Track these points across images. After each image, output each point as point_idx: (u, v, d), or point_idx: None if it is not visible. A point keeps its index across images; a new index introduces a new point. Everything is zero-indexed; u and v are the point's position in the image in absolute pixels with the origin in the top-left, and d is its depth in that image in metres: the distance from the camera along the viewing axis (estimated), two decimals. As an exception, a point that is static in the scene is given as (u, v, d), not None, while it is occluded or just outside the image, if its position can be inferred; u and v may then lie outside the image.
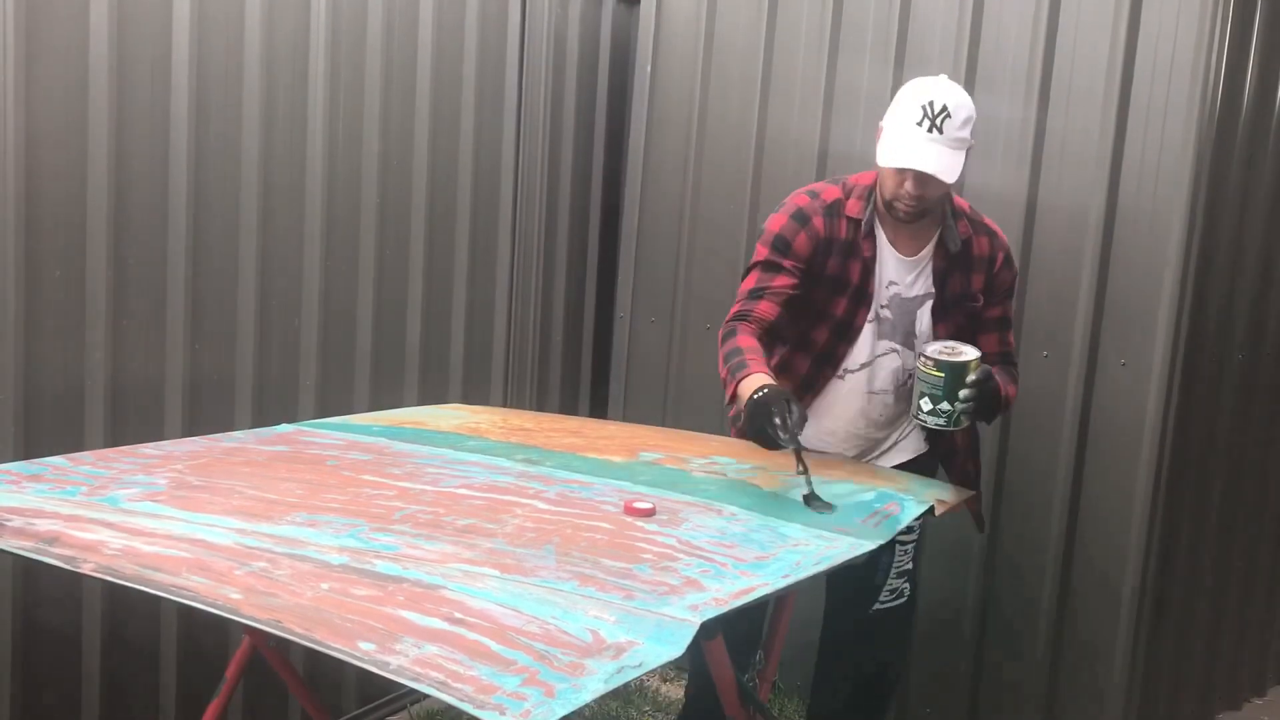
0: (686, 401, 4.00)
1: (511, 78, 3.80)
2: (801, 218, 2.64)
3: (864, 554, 1.95)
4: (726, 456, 2.71)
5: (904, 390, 2.72)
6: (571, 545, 1.82)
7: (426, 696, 1.69)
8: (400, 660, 1.32)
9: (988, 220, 2.75)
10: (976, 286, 2.68)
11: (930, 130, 2.44)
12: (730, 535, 1.96)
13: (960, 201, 2.73)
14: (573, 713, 1.24)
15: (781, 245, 2.64)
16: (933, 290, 2.68)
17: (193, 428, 2.81)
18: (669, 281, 4.03)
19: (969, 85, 3.41)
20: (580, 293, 4.32)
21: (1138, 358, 3.20)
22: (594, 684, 1.30)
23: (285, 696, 3.16)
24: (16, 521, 1.75)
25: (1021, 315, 3.38)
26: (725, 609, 1.59)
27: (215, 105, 2.83)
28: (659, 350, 4.07)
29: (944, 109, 2.44)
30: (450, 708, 1.25)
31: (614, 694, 3.56)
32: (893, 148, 2.49)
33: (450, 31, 3.54)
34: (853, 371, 2.72)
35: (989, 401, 2.55)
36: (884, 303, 2.68)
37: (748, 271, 2.71)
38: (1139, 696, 3.31)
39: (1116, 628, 3.26)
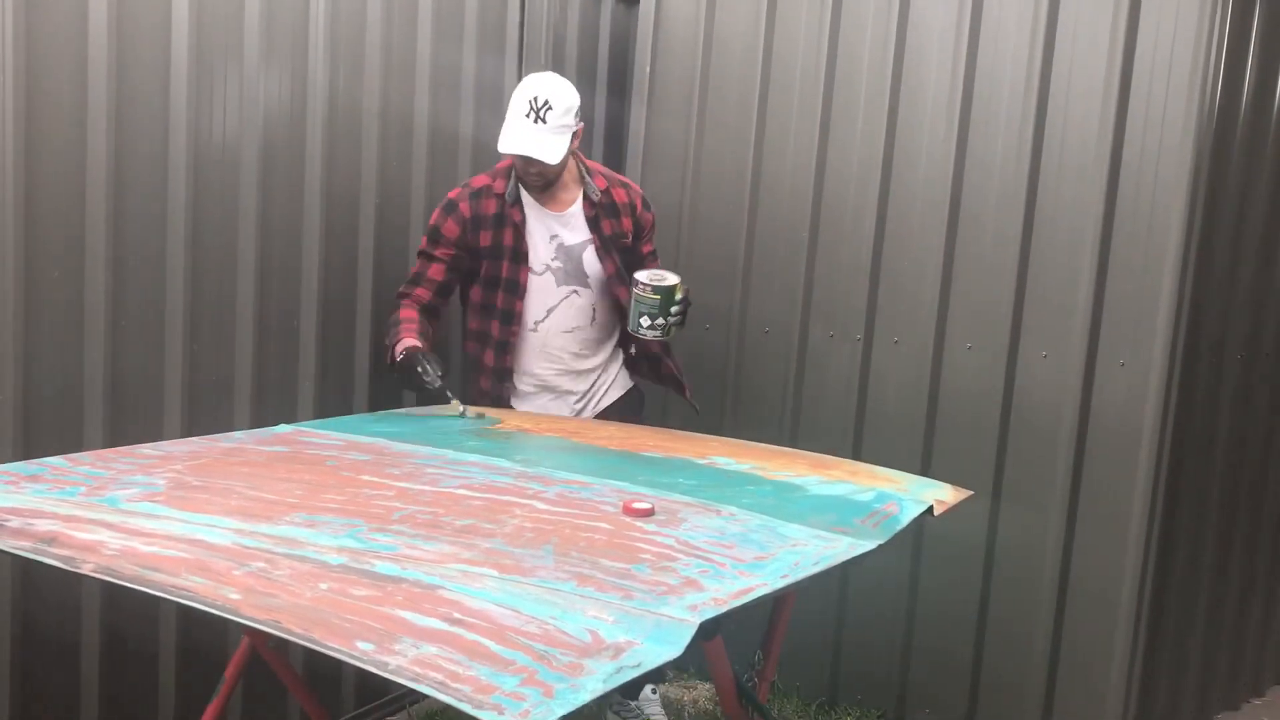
0: (685, 401, 4.00)
1: (511, 78, 3.80)
2: (450, 206, 3.17)
3: (863, 554, 1.95)
4: (725, 457, 2.71)
5: (598, 324, 3.27)
6: (570, 545, 1.82)
7: (425, 697, 1.69)
8: (399, 660, 1.32)
9: (621, 176, 3.38)
10: (626, 228, 3.25)
11: (535, 121, 2.98)
12: (729, 535, 1.96)
13: (594, 164, 3.31)
14: (571, 713, 1.24)
15: (434, 234, 3.18)
16: (590, 235, 3.21)
17: (191, 428, 2.81)
18: (668, 281, 4.03)
19: (968, 84, 3.42)
20: (579, 293, 4.31)
21: (1137, 358, 3.20)
22: (593, 684, 1.30)
23: (284, 697, 3.15)
24: (15, 522, 1.75)
25: (1021, 315, 3.38)
26: (724, 609, 1.59)
27: (214, 105, 2.82)
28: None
29: (545, 102, 2.99)
30: (449, 708, 1.25)
31: (613, 694, 3.56)
32: (505, 136, 3.03)
33: (449, 31, 3.54)
34: (541, 320, 3.22)
35: (687, 313, 3.17)
36: (552, 255, 3.19)
37: (416, 258, 3.25)
38: (1138, 696, 3.31)
39: (1116, 628, 3.26)
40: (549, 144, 3.00)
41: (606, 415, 3.34)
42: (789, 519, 2.09)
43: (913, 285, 3.55)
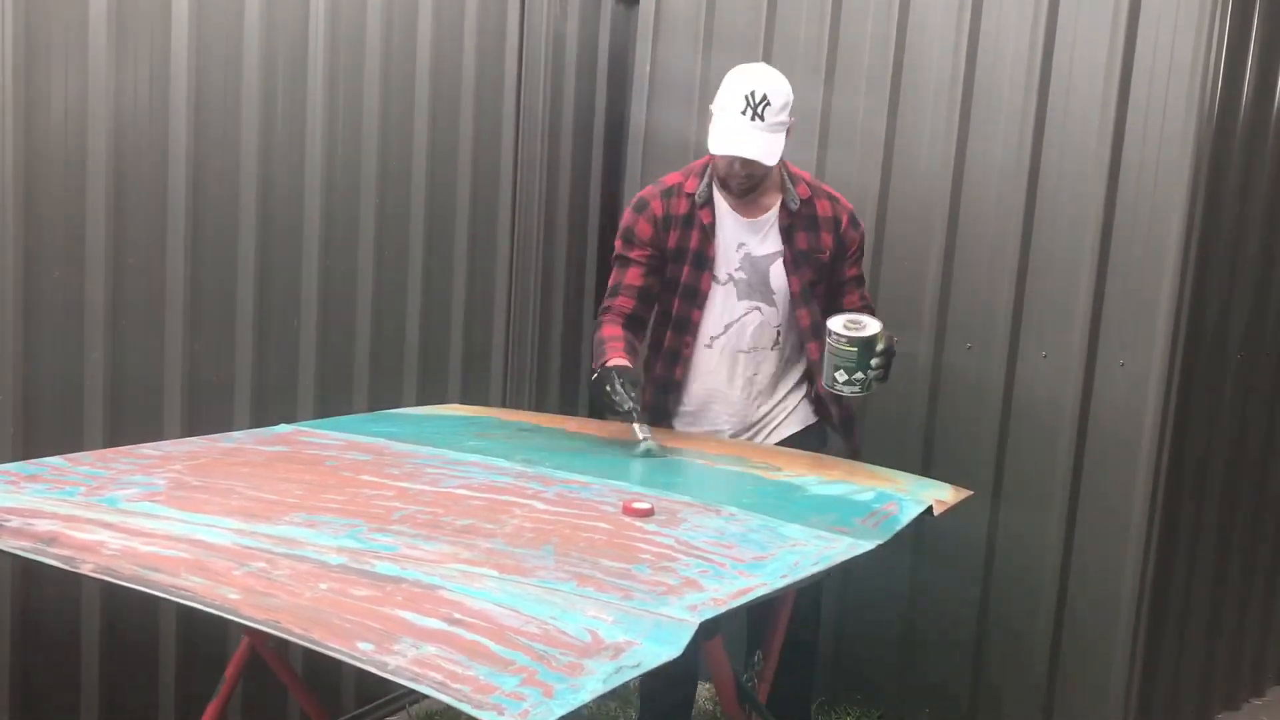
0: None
1: (510, 78, 3.80)
2: (641, 205, 2.94)
3: (862, 554, 1.95)
4: (726, 455, 2.71)
5: (779, 349, 2.94)
6: (570, 545, 1.82)
7: (425, 697, 1.69)
8: (399, 660, 1.32)
9: (827, 186, 2.99)
10: (825, 244, 2.90)
11: (753, 118, 2.68)
12: (729, 535, 1.96)
13: (799, 171, 2.98)
14: (571, 713, 1.24)
15: (628, 235, 2.94)
16: (781, 248, 2.89)
17: (191, 428, 2.81)
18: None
19: (968, 84, 3.42)
20: (579, 293, 4.32)
21: (1137, 358, 3.20)
22: (592, 684, 1.30)
23: (284, 697, 3.15)
24: (15, 522, 1.75)
25: (1021, 315, 3.38)
26: (724, 609, 1.59)
27: (214, 105, 2.83)
28: (658, 350, 4.07)
29: (764, 97, 2.68)
30: (449, 708, 1.25)
31: (612, 694, 3.56)
32: (720, 135, 2.74)
33: (449, 32, 3.54)
34: (718, 336, 2.93)
35: (891, 364, 2.75)
36: (736, 265, 2.89)
37: (611, 265, 2.99)
38: (1138, 696, 3.31)
39: (1116, 628, 3.26)
40: (767, 144, 2.71)
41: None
42: (789, 519, 2.09)
43: (911, 285, 3.55)
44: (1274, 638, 4.16)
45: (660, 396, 2.99)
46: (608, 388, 2.64)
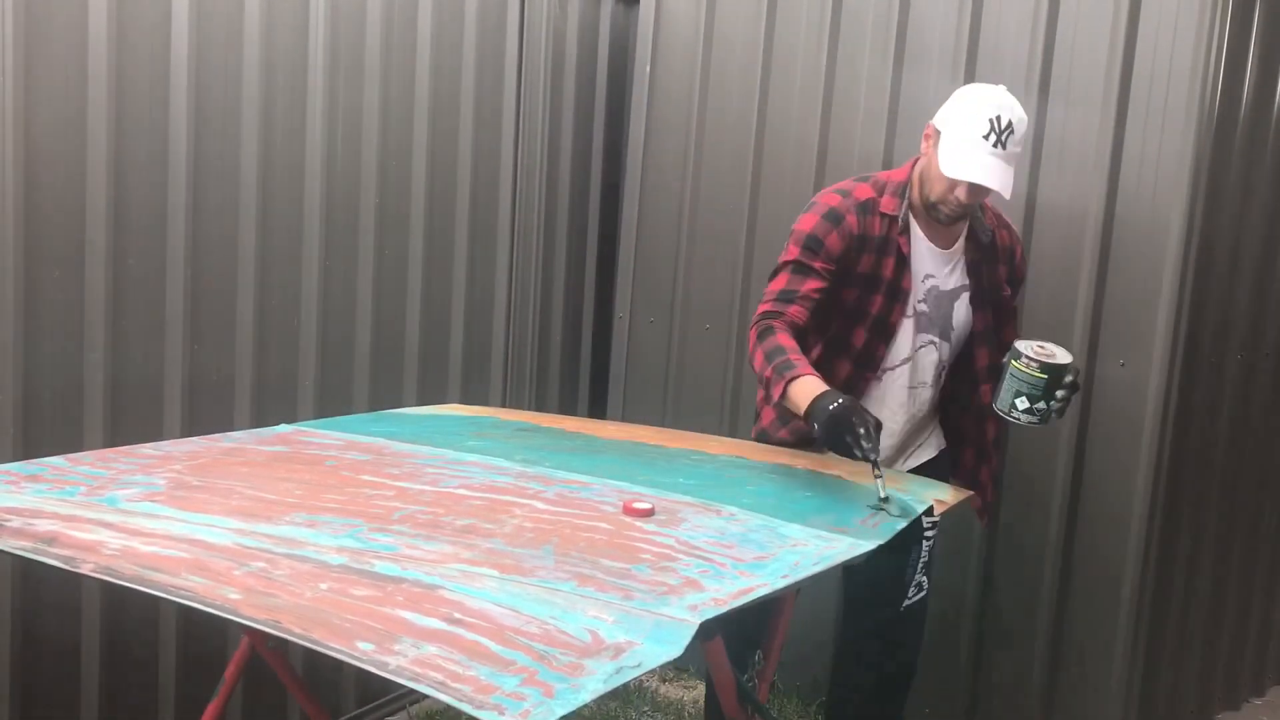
0: (686, 402, 4.00)
1: (510, 77, 3.80)
2: (834, 217, 2.62)
3: (861, 555, 1.95)
4: (728, 455, 2.71)
5: (940, 387, 2.78)
6: (570, 545, 1.81)
7: (425, 697, 1.69)
8: (399, 660, 1.32)
9: (1005, 215, 2.82)
10: (1001, 277, 2.74)
11: (996, 146, 2.47)
12: (729, 535, 1.96)
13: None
14: (571, 713, 1.24)
15: (814, 245, 2.61)
16: (967, 282, 2.71)
17: (192, 428, 2.81)
18: (668, 282, 4.03)
19: (968, 83, 3.41)
20: (579, 293, 4.32)
21: (1137, 358, 3.20)
22: (593, 684, 1.30)
23: (284, 697, 3.15)
24: (15, 522, 1.75)
25: (1021, 316, 3.38)
26: (724, 609, 1.59)
27: (214, 105, 2.83)
28: (658, 350, 4.07)
29: (1009, 125, 2.47)
30: (449, 708, 1.25)
31: (613, 694, 3.56)
32: (959, 160, 2.50)
33: (449, 31, 3.54)
34: (890, 369, 2.74)
35: (1070, 401, 2.59)
36: (921, 297, 2.69)
37: (777, 271, 2.67)
38: (1138, 696, 3.31)
39: (1116, 627, 3.26)
40: (1008, 176, 2.50)
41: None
42: (789, 519, 2.09)
43: (913, 285, 3.54)
44: (1274, 638, 4.16)
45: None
46: (860, 430, 2.25)
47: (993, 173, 2.48)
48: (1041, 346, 2.52)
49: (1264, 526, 3.95)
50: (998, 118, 2.48)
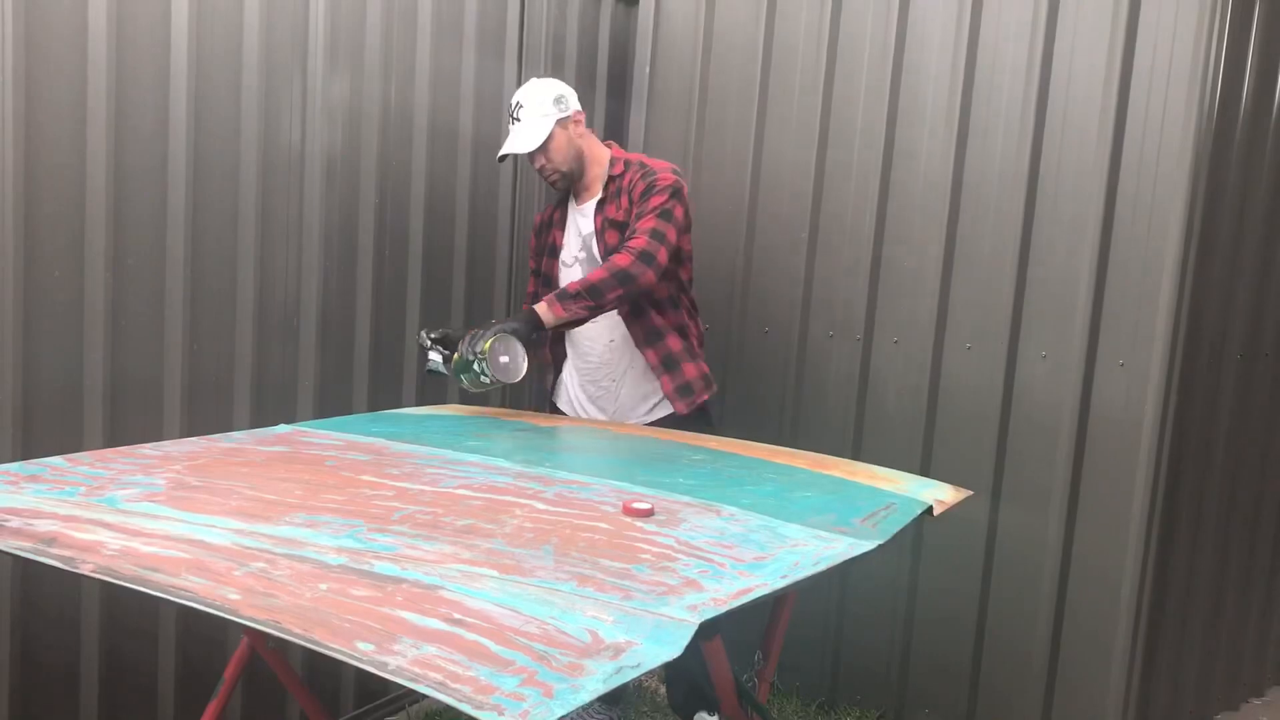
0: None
1: (510, 77, 3.80)
2: (536, 222, 3.46)
3: (861, 555, 1.95)
4: (729, 454, 2.71)
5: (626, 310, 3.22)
6: (570, 545, 1.81)
7: (425, 697, 1.69)
8: (399, 661, 1.32)
9: (650, 160, 3.25)
10: (624, 205, 3.19)
11: (512, 122, 3.19)
12: (729, 536, 1.96)
13: (631, 155, 3.30)
14: (571, 712, 1.24)
15: (528, 250, 3.51)
16: (595, 221, 3.25)
17: (191, 428, 2.81)
18: (668, 282, 4.02)
19: (968, 85, 3.42)
20: (579, 293, 4.31)
21: (1136, 359, 3.20)
22: (592, 684, 1.30)
23: (284, 697, 3.15)
24: (15, 522, 1.75)
25: (1021, 315, 3.38)
26: (724, 609, 1.59)
27: (214, 105, 2.83)
28: (658, 350, 4.07)
29: (518, 103, 3.18)
30: (449, 708, 1.25)
31: (613, 694, 3.56)
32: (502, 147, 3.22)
33: (449, 31, 3.54)
34: None
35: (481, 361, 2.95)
36: (578, 248, 3.28)
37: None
38: (1138, 697, 3.31)
39: (1115, 628, 3.26)
40: (522, 136, 3.15)
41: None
42: (788, 519, 2.09)
43: (913, 285, 3.55)
44: (1274, 638, 4.16)
45: (551, 377, 3.43)
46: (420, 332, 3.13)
47: (509, 143, 3.19)
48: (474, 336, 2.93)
49: (1263, 526, 3.95)
50: (511, 104, 3.21)
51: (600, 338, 3.26)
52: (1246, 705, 4.03)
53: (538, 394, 3.64)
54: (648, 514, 2.02)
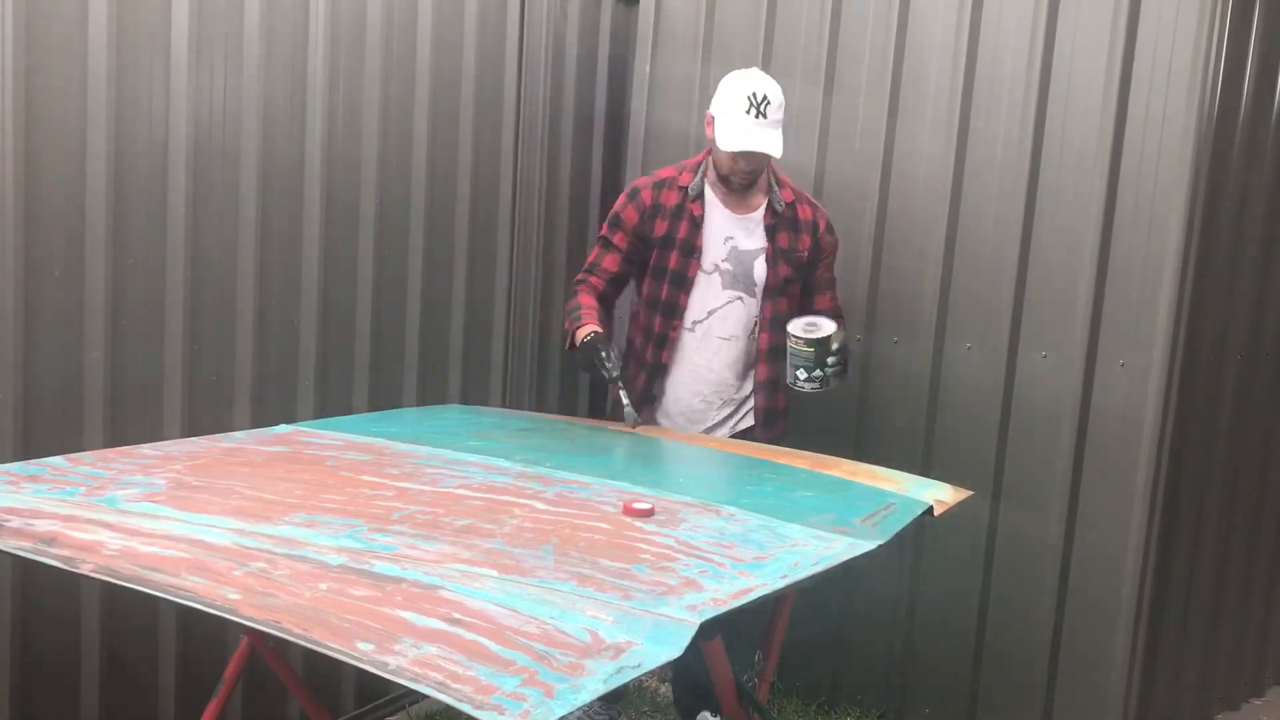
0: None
1: (510, 77, 3.80)
2: (633, 193, 3.19)
3: (860, 555, 1.95)
4: (726, 453, 2.71)
5: (754, 338, 3.16)
6: (570, 545, 1.82)
7: (425, 697, 1.69)
8: (399, 660, 1.32)
9: (809, 194, 3.27)
10: (804, 245, 3.15)
11: (757, 116, 2.94)
12: (729, 535, 1.96)
13: (784, 176, 3.21)
14: (571, 712, 1.24)
15: (615, 221, 3.19)
16: (765, 244, 3.12)
17: (191, 428, 2.81)
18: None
19: (969, 85, 3.42)
20: (579, 293, 4.32)
21: (1136, 359, 3.20)
22: (593, 684, 1.30)
23: (284, 697, 3.15)
24: (15, 522, 1.75)
25: (1021, 315, 3.38)
26: (724, 609, 1.59)
27: (214, 104, 2.83)
28: (658, 350, 4.07)
29: (764, 97, 2.95)
30: (449, 708, 1.25)
31: (613, 694, 3.56)
32: (730, 134, 2.98)
33: (449, 31, 3.53)
34: (701, 321, 3.15)
35: (849, 362, 3.05)
36: (724, 256, 3.13)
37: (594, 245, 3.27)
38: (1137, 696, 3.31)
39: (1115, 628, 3.26)
40: (774, 139, 2.98)
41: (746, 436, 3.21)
42: (788, 519, 2.09)
43: (913, 285, 3.55)
44: (1274, 638, 4.16)
45: (645, 377, 3.19)
46: (602, 354, 2.94)
47: (759, 138, 2.95)
48: (810, 324, 2.95)
49: (1263, 526, 3.95)
50: (754, 93, 2.94)
51: (726, 358, 3.16)
52: (1247, 705, 4.03)
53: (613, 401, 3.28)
54: (648, 514, 2.02)
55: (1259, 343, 3.67)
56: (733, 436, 3.18)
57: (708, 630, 1.52)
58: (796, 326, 2.95)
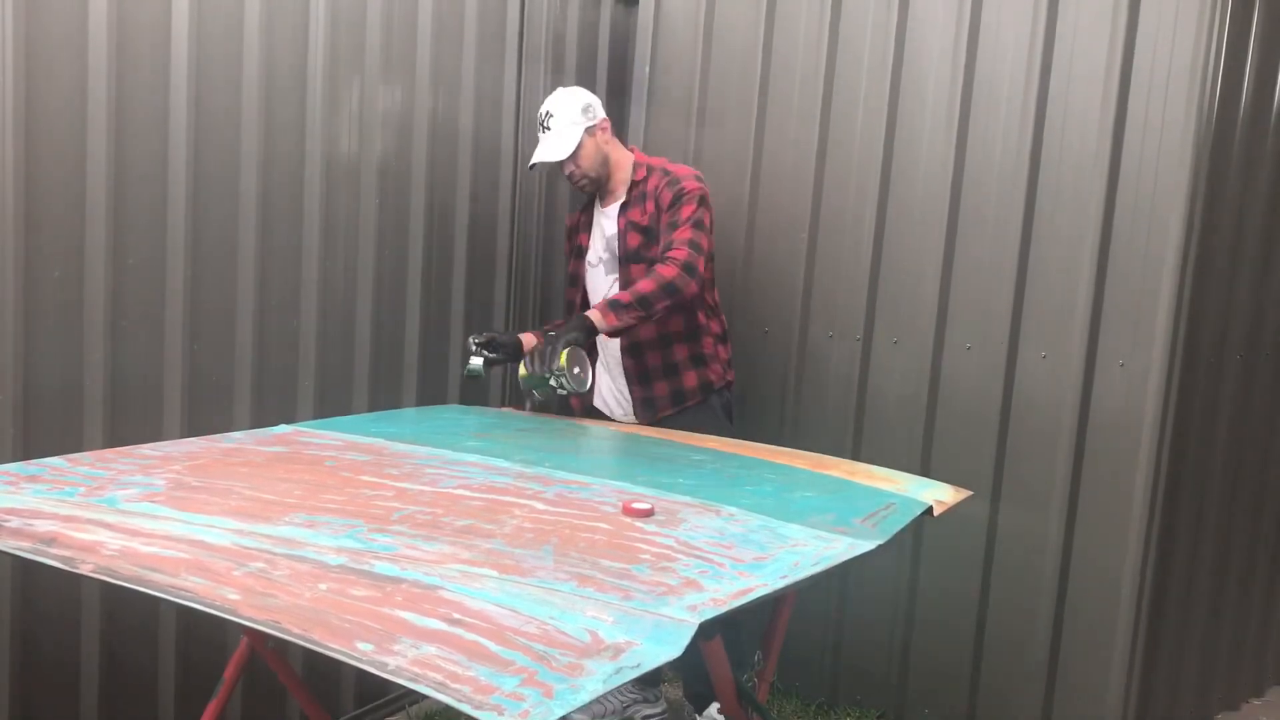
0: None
1: (510, 77, 3.80)
2: (567, 225, 3.63)
3: (860, 555, 1.95)
4: (726, 452, 2.71)
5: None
6: (570, 546, 1.81)
7: (425, 697, 1.69)
8: (398, 661, 1.32)
9: (674, 166, 3.36)
10: (648, 209, 3.30)
11: (543, 131, 3.33)
12: (729, 536, 1.96)
13: (654, 160, 3.39)
14: (571, 712, 1.24)
15: (566, 253, 3.61)
16: (620, 223, 3.35)
17: (191, 428, 2.81)
18: (668, 282, 4.02)
19: (968, 86, 3.42)
20: (579, 293, 4.32)
21: (1136, 359, 3.20)
22: (592, 684, 1.30)
23: (283, 697, 3.15)
24: (14, 522, 1.75)
25: (1021, 315, 3.38)
26: (724, 610, 1.59)
27: (214, 105, 2.83)
28: (658, 350, 4.07)
29: (548, 113, 3.32)
30: (448, 708, 1.25)
31: (612, 693, 3.56)
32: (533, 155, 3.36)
33: (449, 31, 3.54)
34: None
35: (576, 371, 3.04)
36: (602, 248, 3.40)
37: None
38: (1137, 696, 3.31)
39: (1115, 628, 3.26)
40: (555, 146, 3.29)
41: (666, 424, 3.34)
42: (788, 519, 2.09)
43: (913, 285, 3.55)
44: (1274, 638, 4.16)
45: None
46: (469, 338, 3.25)
47: (540, 151, 3.33)
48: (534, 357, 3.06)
49: (1263, 527, 3.95)
50: (542, 114, 3.34)
51: (614, 342, 3.33)
52: (1246, 705, 4.03)
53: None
54: (648, 514, 2.02)
55: (1259, 343, 3.67)
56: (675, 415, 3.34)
57: (707, 630, 1.52)
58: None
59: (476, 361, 3.18)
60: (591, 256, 3.45)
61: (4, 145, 2.40)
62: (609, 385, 3.46)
